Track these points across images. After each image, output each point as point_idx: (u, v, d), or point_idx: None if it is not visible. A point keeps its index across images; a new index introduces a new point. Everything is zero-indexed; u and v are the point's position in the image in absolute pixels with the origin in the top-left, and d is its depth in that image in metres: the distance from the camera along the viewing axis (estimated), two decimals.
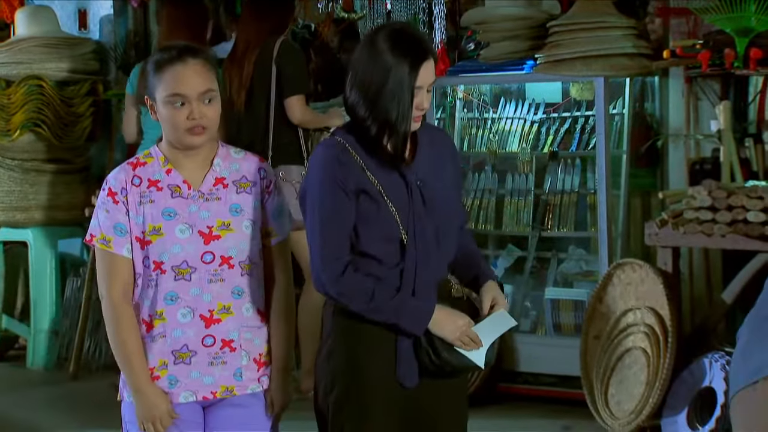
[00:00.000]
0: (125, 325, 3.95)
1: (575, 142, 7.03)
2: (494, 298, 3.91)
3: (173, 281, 3.93)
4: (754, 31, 6.34)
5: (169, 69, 3.91)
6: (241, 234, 3.98)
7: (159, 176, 3.98)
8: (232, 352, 3.97)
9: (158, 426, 3.93)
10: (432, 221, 3.87)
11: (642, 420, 6.00)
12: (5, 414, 6.91)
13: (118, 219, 3.95)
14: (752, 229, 5.80)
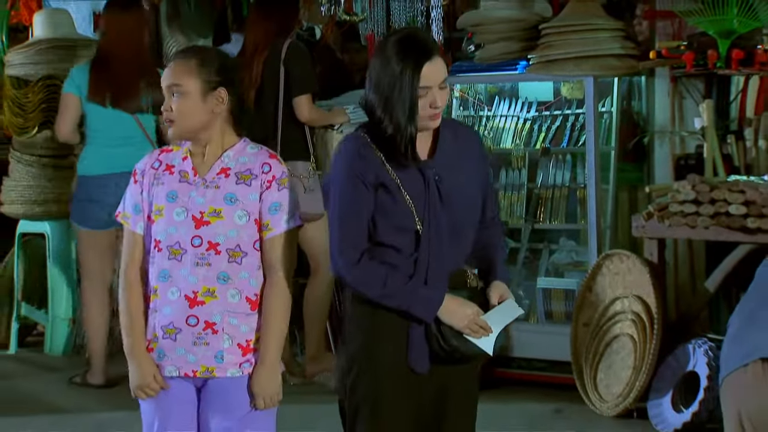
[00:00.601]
0: (130, 297, 4.06)
1: (566, 138, 7.02)
2: (501, 295, 3.91)
3: (167, 260, 3.97)
4: (735, 33, 6.35)
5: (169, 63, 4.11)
6: (231, 223, 3.97)
7: (175, 162, 4.05)
8: (214, 335, 3.96)
9: (146, 391, 4.00)
10: (447, 215, 3.86)
11: (629, 403, 6.02)
12: (25, 396, 6.89)
13: (136, 199, 4.05)
14: (734, 222, 5.82)
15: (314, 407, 5.52)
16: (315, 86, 6.89)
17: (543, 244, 7.06)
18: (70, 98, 7.09)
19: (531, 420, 6.14)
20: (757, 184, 5.90)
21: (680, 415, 5.80)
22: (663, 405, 5.91)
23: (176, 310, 3.96)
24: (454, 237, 3.89)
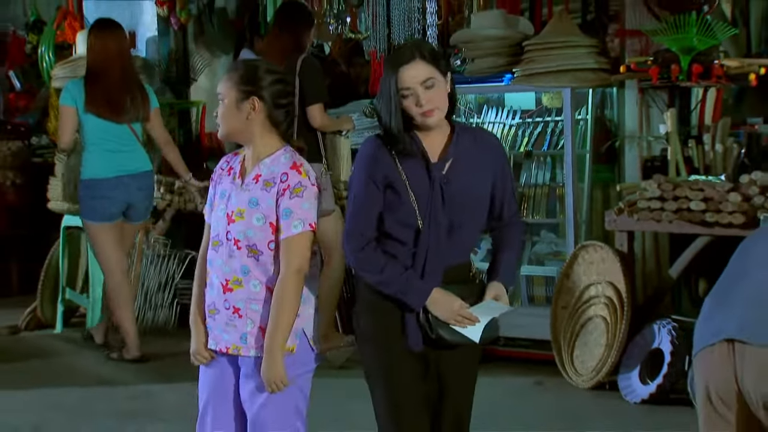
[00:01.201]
0: (199, 277, 4.12)
1: (546, 142, 7.01)
2: (495, 295, 3.86)
3: (212, 250, 4.02)
4: (695, 49, 6.35)
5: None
6: (249, 223, 3.97)
7: (234, 165, 4.09)
8: (240, 319, 3.98)
9: (197, 358, 4.08)
10: (449, 214, 3.82)
11: (602, 376, 6.04)
12: (70, 368, 6.92)
13: (210, 194, 4.14)
14: (694, 216, 5.85)
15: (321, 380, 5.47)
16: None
17: (526, 237, 6.98)
18: (68, 110, 7.11)
19: (515, 391, 6.15)
20: (715, 183, 5.92)
21: (647, 387, 5.82)
22: (632, 378, 5.92)
23: (216, 294, 4.01)
24: (454, 235, 3.85)
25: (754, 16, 7.09)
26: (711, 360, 3.25)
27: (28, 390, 6.42)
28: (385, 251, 3.83)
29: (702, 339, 3.29)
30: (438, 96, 3.80)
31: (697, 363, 3.34)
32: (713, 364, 3.24)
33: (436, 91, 3.79)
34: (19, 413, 5.92)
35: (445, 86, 3.82)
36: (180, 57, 8.94)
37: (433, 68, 3.80)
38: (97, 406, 6.08)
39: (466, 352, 3.95)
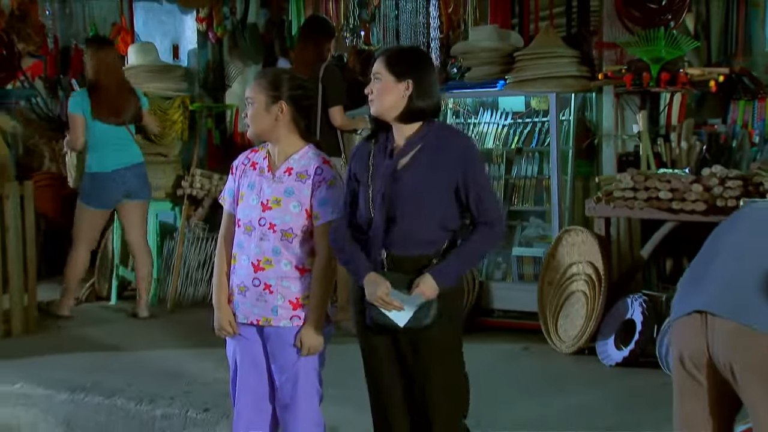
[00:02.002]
0: (221, 260, 4.16)
1: (535, 140, 7.02)
2: (421, 287, 3.68)
3: (242, 234, 4.05)
4: (664, 59, 6.38)
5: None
6: (286, 210, 3.99)
7: (258, 160, 4.11)
8: (271, 294, 4.01)
9: (223, 332, 4.11)
10: (393, 206, 3.74)
11: (582, 343, 6.08)
12: (122, 336, 6.93)
13: (231, 186, 4.15)
14: (662, 204, 5.87)
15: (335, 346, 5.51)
16: (345, 99, 6.88)
17: (517, 222, 7.04)
18: (78, 118, 7.28)
19: (506, 355, 6.17)
20: (680, 175, 5.94)
21: (620, 352, 5.84)
22: (608, 344, 5.94)
23: (245, 273, 4.03)
24: (399, 226, 3.75)
25: (713, 30, 7.06)
26: (685, 329, 3.24)
27: (85, 352, 6.47)
28: (354, 237, 3.82)
29: (677, 311, 3.30)
30: (380, 90, 3.78)
31: (672, 332, 3.35)
32: (687, 333, 3.23)
33: (377, 82, 3.79)
34: (79, 372, 5.96)
35: (393, 86, 3.75)
36: (216, 66, 8.96)
37: (385, 68, 3.79)
38: (146, 367, 6.11)
39: (431, 333, 3.76)
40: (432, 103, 3.82)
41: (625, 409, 5.07)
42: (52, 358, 6.34)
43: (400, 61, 3.81)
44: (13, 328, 6.98)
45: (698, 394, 3.22)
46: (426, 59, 3.97)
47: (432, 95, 3.82)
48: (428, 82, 3.82)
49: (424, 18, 8.37)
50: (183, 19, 9.00)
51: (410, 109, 3.77)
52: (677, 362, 3.27)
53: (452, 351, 3.88)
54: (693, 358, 3.20)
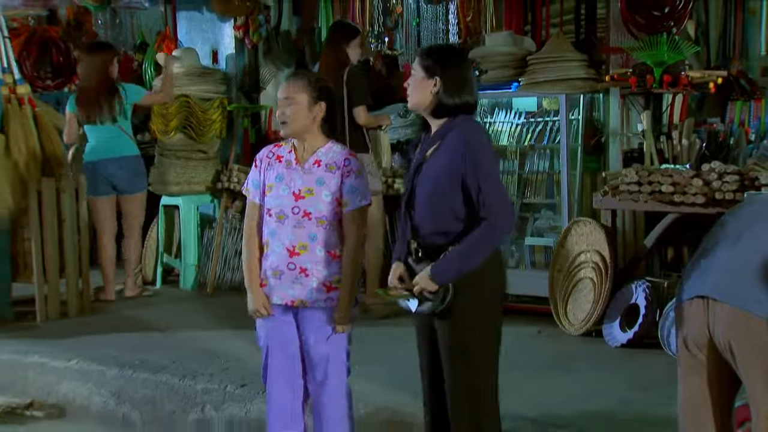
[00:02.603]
0: (251, 247, 4.12)
1: (546, 138, 6.99)
2: (418, 278, 3.62)
3: (275, 222, 4.04)
4: (666, 63, 6.33)
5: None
6: (319, 198, 4.01)
7: (283, 153, 4.11)
8: (306, 277, 4.02)
9: (259, 313, 4.10)
10: (417, 196, 3.72)
11: (590, 326, 6.05)
12: (166, 318, 6.95)
13: (255, 178, 4.12)
14: (664, 197, 5.84)
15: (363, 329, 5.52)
16: (367, 100, 6.80)
17: (529, 214, 7.01)
18: (71, 116, 7.39)
19: (520, 337, 6.08)
20: (681, 170, 5.90)
21: (625, 334, 5.82)
22: (614, 327, 5.91)
23: (280, 258, 4.03)
24: (416, 216, 3.72)
25: (712, 36, 7.06)
26: (688, 312, 3.23)
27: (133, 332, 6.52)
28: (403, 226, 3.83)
29: (681, 295, 3.29)
30: (413, 85, 3.73)
31: (676, 314, 3.34)
32: (690, 316, 3.23)
33: (412, 80, 3.74)
34: (127, 350, 6.01)
35: (423, 81, 3.68)
36: (252, 70, 8.97)
37: (419, 64, 3.72)
38: (188, 345, 6.13)
39: (447, 323, 3.67)
40: (461, 100, 3.68)
41: (631, 386, 5.05)
42: (104, 338, 6.39)
43: (431, 59, 3.72)
44: (69, 311, 7.03)
45: (700, 372, 3.22)
46: (456, 58, 3.78)
47: (461, 93, 3.68)
48: (457, 79, 3.68)
49: (444, 25, 8.37)
50: (222, 27, 9.00)
51: (438, 105, 3.68)
52: (681, 343, 3.27)
53: (471, 351, 3.65)
54: (696, 339, 3.20)
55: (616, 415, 4.58)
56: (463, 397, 3.69)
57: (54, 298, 6.91)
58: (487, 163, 3.61)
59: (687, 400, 3.30)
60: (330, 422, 4.14)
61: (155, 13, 9.56)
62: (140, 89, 7.62)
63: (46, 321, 6.83)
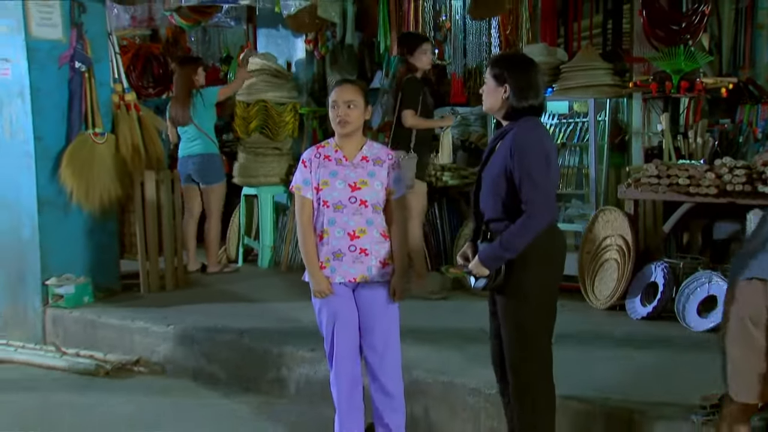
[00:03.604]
0: (308, 237, 4.06)
1: (576, 137, 6.96)
2: (471, 265, 3.62)
3: (333, 212, 4.02)
4: (683, 71, 6.29)
5: (334, 88, 4.09)
6: (373, 188, 4.03)
7: (330, 152, 4.08)
8: (366, 256, 4.03)
9: (322, 294, 4.05)
10: (483, 184, 3.69)
11: (614, 301, 6.04)
12: (247, 291, 6.99)
13: (306, 176, 4.06)
14: (681, 189, 5.80)
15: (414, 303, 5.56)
16: (413, 105, 6.50)
17: (561, 203, 6.96)
18: (169, 120, 7.58)
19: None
20: (696, 165, 5.86)
21: (645, 308, 5.81)
22: (635, 302, 5.90)
23: (341, 242, 4.03)
24: (480, 205, 3.70)
25: (724, 47, 6.98)
26: (748, 292, 3.14)
27: (219, 302, 6.57)
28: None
29: (739, 275, 3.19)
30: (486, 92, 3.69)
31: (736, 291, 3.21)
32: (750, 296, 3.13)
33: (486, 88, 3.68)
34: (215, 317, 6.07)
35: (494, 89, 3.61)
36: (320, 78, 9.03)
37: (489, 74, 3.66)
38: (265, 314, 6.19)
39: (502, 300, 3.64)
40: (527, 103, 3.57)
41: (650, 353, 5.04)
42: (195, 307, 6.46)
43: (500, 68, 3.62)
44: (166, 284, 7.11)
45: (754, 345, 3.13)
46: (523, 66, 3.64)
47: (528, 97, 3.57)
48: (525, 86, 3.57)
49: (487, 38, 8.35)
50: (295, 41, 9.08)
51: (509, 109, 3.60)
52: (737, 321, 3.16)
53: (523, 323, 3.60)
54: (753, 317, 3.11)
55: (636, 379, 4.57)
56: (517, 364, 3.65)
57: (154, 273, 7.01)
58: (532, 160, 3.48)
59: (739, 367, 3.20)
60: (390, 383, 4.15)
61: (239, 30, 9.69)
62: (215, 89, 7.64)
63: (148, 292, 6.94)
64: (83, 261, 6.72)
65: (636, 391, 4.30)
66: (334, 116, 4.05)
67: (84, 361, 5.96)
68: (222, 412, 5.15)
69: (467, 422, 4.47)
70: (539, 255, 3.54)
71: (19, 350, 6.27)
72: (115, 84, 6.95)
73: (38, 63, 6.42)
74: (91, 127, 6.66)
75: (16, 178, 6.56)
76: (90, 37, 6.62)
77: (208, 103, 7.48)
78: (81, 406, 5.32)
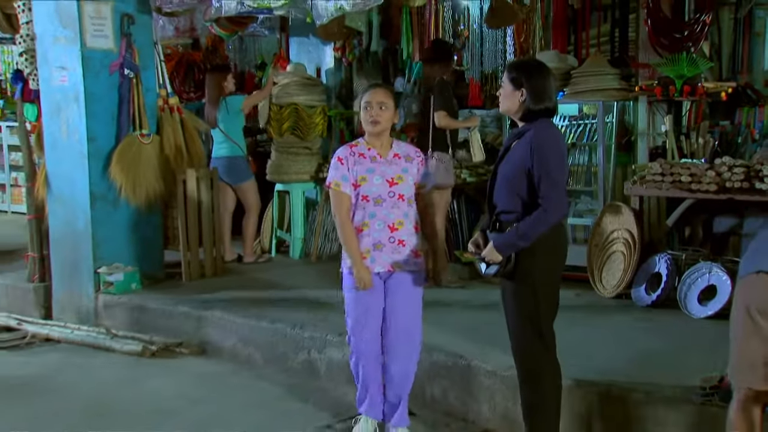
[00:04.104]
0: (348, 230, 4.02)
1: (586, 137, 6.94)
2: (485, 252, 3.64)
3: (373, 206, 4.03)
4: (685, 76, 6.31)
5: (367, 91, 4.11)
6: (407, 184, 4.05)
7: (363, 150, 4.08)
8: (403, 247, 4.05)
9: (364, 284, 4.01)
10: (498, 179, 3.68)
11: (620, 290, 6.04)
12: (280, 279, 7.00)
13: (344, 173, 4.04)
14: (683, 186, 5.80)
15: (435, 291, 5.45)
16: (446, 106, 6.54)
17: (571, 199, 6.92)
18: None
19: (562, 299, 6.12)
20: (697, 164, 5.86)
21: (650, 297, 5.80)
22: (640, 291, 5.90)
23: (382, 234, 4.03)
24: (498, 193, 3.68)
25: (724, 54, 6.99)
26: (754, 285, 3.13)
27: (254, 290, 6.60)
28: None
29: (746, 269, 3.18)
30: (503, 95, 3.68)
31: (741, 285, 3.20)
32: (756, 288, 3.12)
33: (503, 91, 3.67)
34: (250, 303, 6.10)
35: (512, 93, 3.60)
36: (347, 83, 9.07)
37: (507, 78, 3.66)
38: (297, 301, 6.21)
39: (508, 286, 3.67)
40: (543, 105, 3.58)
41: (654, 338, 5.04)
42: (232, 293, 6.49)
43: (517, 73, 3.62)
44: (206, 272, 7.14)
45: (759, 334, 3.11)
46: (539, 72, 3.62)
47: (544, 100, 3.57)
48: (540, 90, 3.57)
49: (502, 45, 8.38)
50: (324, 49, 9.12)
51: (526, 111, 3.61)
52: (744, 310, 3.14)
53: (527, 311, 3.63)
54: (759, 307, 3.09)
55: (641, 362, 4.58)
56: (522, 348, 3.68)
57: (195, 263, 7.05)
58: (551, 160, 3.49)
59: (744, 356, 3.17)
60: (409, 363, 4.18)
61: (273, 39, 9.74)
62: (240, 98, 7.65)
63: (189, 280, 6.97)
64: (131, 251, 6.80)
65: (640, 374, 4.31)
66: (368, 116, 4.05)
67: (131, 343, 6.04)
68: (257, 390, 5.19)
69: (483, 403, 4.50)
70: (546, 246, 3.57)
71: (75, 332, 6.37)
72: (160, 89, 7.02)
73: (92, 70, 6.52)
74: (138, 128, 6.74)
75: (71, 175, 6.67)
76: (138, 46, 6.71)
77: (232, 110, 7.51)
78: (129, 382, 5.40)
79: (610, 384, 4.18)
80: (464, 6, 8.62)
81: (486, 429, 4.42)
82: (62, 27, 6.51)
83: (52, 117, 6.71)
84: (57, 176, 6.75)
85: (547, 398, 3.66)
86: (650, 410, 3.97)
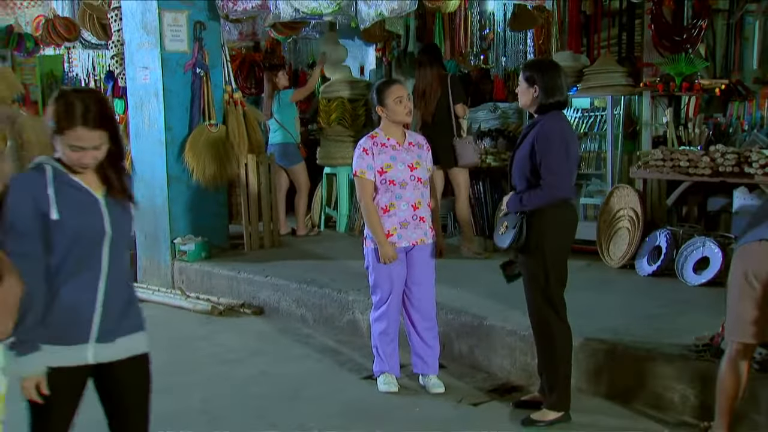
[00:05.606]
0: (373, 213, 3.99)
1: (596, 127, 6.89)
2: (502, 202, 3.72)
3: (399, 189, 4.00)
4: (684, 73, 6.25)
5: (394, 86, 4.07)
6: (424, 168, 4.05)
7: (383, 141, 4.03)
8: (423, 223, 4.07)
9: (391, 259, 3.99)
10: (514, 163, 3.68)
11: (626, 260, 6.00)
12: (328, 250, 6.99)
13: (369, 162, 3.98)
14: (682, 170, 5.76)
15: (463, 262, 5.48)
16: (464, 98, 6.58)
17: (583, 181, 6.90)
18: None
19: (575, 269, 6.00)
20: (695, 151, 5.80)
21: (651, 267, 5.77)
22: (643, 262, 5.87)
23: (407, 213, 4.04)
24: (514, 174, 3.67)
25: (718, 54, 6.93)
26: (752, 252, 3.07)
27: (307, 260, 6.62)
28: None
29: (746, 238, 3.13)
30: (520, 92, 3.65)
31: (740, 252, 3.14)
32: (753, 255, 3.07)
33: (520, 88, 3.67)
34: (303, 270, 6.13)
35: (526, 89, 3.59)
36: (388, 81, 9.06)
37: (522, 77, 3.65)
38: (343, 269, 6.21)
39: (523, 257, 3.66)
40: (554, 99, 3.57)
41: (654, 303, 5.03)
42: (288, 262, 6.54)
43: (530, 72, 3.62)
44: (264, 244, 7.17)
45: (754, 298, 3.10)
46: (549, 70, 3.61)
47: (555, 95, 3.56)
48: (551, 86, 3.56)
49: (523, 47, 8.34)
50: (367, 49, 9.14)
51: (539, 105, 3.60)
52: (742, 275, 3.10)
53: (539, 278, 3.63)
54: (756, 273, 3.06)
55: (643, 323, 4.57)
56: (536, 309, 3.68)
57: (255, 235, 7.11)
58: (552, 149, 3.50)
59: (739, 317, 3.15)
60: (430, 321, 4.22)
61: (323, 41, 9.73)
62: (289, 91, 7.65)
63: (250, 250, 7.02)
64: (201, 225, 6.88)
65: (642, 333, 4.32)
66: (404, 108, 4.01)
67: (202, 303, 6.15)
68: (309, 344, 5.26)
69: (505, 358, 4.53)
70: (555, 223, 3.60)
71: (155, 293, 6.51)
72: (226, 85, 7.08)
73: (169, 70, 6.64)
74: (207, 119, 6.82)
75: (151, 160, 6.79)
76: (208, 48, 6.79)
77: (283, 102, 7.55)
78: (201, 336, 5.53)
79: (615, 342, 4.20)
80: (490, 12, 8.57)
81: (507, 380, 4.46)
82: (146, 34, 6.65)
83: (136, 110, 6.84)
84: (140, 161, 6.89)
85: (559, 355, 3.67)
86: (651, 365, 3.99)
